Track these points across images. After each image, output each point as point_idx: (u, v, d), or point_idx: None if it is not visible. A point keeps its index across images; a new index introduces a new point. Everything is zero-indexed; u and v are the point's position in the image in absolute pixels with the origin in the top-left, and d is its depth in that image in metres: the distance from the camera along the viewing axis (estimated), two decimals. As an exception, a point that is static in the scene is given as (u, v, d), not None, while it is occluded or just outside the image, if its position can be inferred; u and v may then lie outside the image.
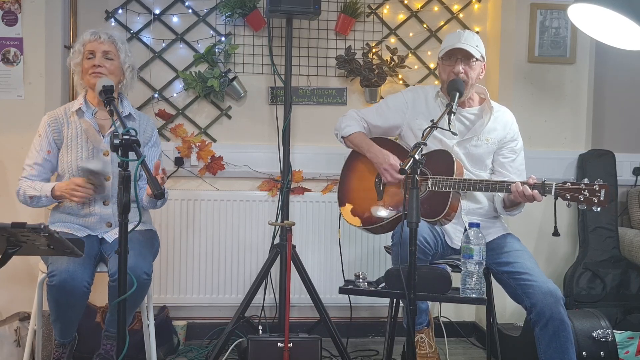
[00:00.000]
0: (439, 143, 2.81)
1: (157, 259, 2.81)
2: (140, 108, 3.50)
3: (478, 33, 3.64)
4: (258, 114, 3.61)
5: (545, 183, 2.52)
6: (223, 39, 3.54)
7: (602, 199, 2.42)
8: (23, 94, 3.27)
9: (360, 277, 2.41)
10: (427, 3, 3.67)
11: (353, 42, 3.62)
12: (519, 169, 2.84)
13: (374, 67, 3.55)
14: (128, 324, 2.68)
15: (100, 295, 3.10)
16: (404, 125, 2.91)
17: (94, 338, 2.96)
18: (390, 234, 2.80)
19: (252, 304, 3.15)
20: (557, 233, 2.50)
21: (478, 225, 2.31)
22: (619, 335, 3.05)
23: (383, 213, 2.82)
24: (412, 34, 3.68)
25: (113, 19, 3.48)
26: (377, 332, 3.71)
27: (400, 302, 2.77)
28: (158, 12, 3.51)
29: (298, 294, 3.41)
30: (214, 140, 3.59)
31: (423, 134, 2.33)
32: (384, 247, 3.21)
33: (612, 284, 3.46)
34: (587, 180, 2.47)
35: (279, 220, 3.30)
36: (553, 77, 3.59)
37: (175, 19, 3.52)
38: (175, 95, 3.56)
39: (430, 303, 3.21)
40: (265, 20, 3.50)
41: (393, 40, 3.67)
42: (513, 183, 2.57)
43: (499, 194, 2.74)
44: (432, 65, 3.67)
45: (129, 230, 1.99)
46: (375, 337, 3.70)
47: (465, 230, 2.66)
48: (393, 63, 3.60)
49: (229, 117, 3.60)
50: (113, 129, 2.70)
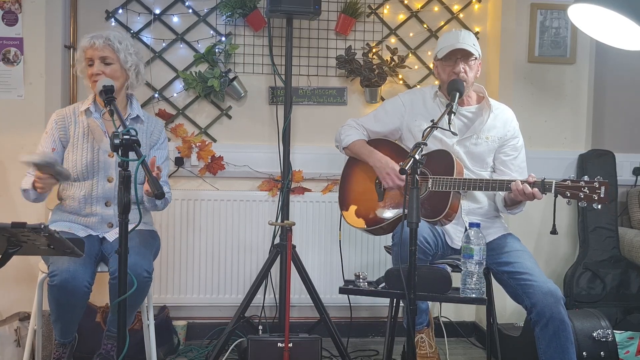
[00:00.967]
0: (439, 143, 2.81)
1: (157, 259, 2.81)
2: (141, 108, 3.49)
3: (478, 33, 3.66)
4: (258, 114, 3.61)
5: (545, 181, 2.52)
6: (223, 39, 3.54)
7: (602, 196, 2.42)
8: (23, 94, 3.27)
9: (361, 277, 2.41)
10: (427, 3, 3.67)
11: (353, 42, 3.62)
12: (521, 167, 2.84)
13: (374, 67, 3.56)
14: (129, 324, 2.68)
15: (100, 295, 3.10)
16: (404, 128, 2.91)
17: (94, 338, 2.96)
18: (391, 234, 2.81)
19: (252, 304, 3.15)
20: (554, 231, 2.50)
21: (478, 225, 2.31)
22: (619, 336, 3.06)
23: (384, 214, 2.82)
24: (412, 34, 3.68)
25: (113, 19, 3.48)
26: (377, 332, 3.71)
27: (400, 302, 2.77)
28: (158, 12, 3.51)
29: (298, 294, 3.41)
30: (214, 140, 3.59)
31: (423, 134, 2.33)
32: (384, 247, 3.21)
33: (612, 284, 3.46)
34: (587, 178, 2.47)
35: (279, 220, 3.30)
36: (553, 77, 3.59)
37: (176, 19, 3.52)
38: (176, 95, 3.57)
39: (430, 303, 3.21)
40: (266, 20, 3.50)
41: (393, 40, 3.67)
42: (513, 182, 2.57)
43: (500, 193, 2.74)
44: (432, 66, 3.66)
45: (129, 230, 1.99)
46: (376, 337, 3.70)
47: (466, 230, 2.66)
48: (393, 63, 3.60)
49: (229, 117, 3.60)
50: (114, 130, 2.70)
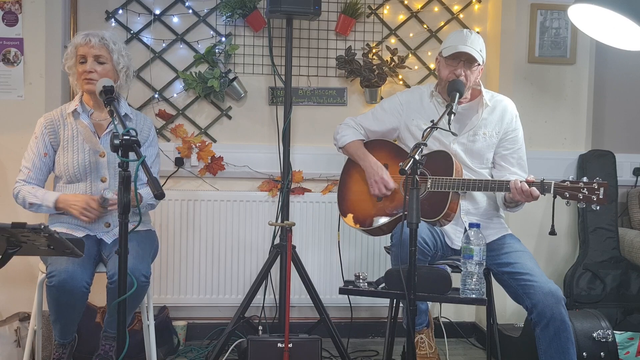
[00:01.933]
0: (437, 142, 2.80)
1: (157, 259, 2.81)
2: (141, 108, 3.50)
3: (478, 33, 3.64)
4: (258, 115, 3.61)
5: (544, 182, 2.51)
6: (223, 40, 3.54)
7: (601, 197, 2.42)
8: (23, 94, 3.27)
9: (360, 277, 2.41)
10: (427, 3, 3.67)
11: (353, 42, 3.62)
12: (522, 159, 2.82)
13: (374, 67, 3.55)
14: (127, 325, 2.68)
15: (100, 296, 3.08)
16: (401, 127, 2.90)
17: (94, 338, 2.96)
18: (390, 235, 2.81)
19: (252, 304, 3.15)
20: (553, 232, 2.49)
21: (478, 226, 2.31)
22: (619, 336, 3.05)
23: (382, 215, 2.82)
24: (412, 35, 3.68)
25: (113, 19, 3.48)
26: (377, 332, 3.71)
27: (400, 302, 2.77)
28: (158, 12, 3.51)
29: (298, 294, 3.41)
30: (214, 141, 3.59)
31: (423, 135, 2.33)
32: (384, 247, 3.21)
33: (612, 285, 3.46)
34: (585, 179, 2.46)
35: (279, 221, 3.30)
36: (553, 77, 3.59)
37: (176, 20, 3.52)
38: (176, 96, 3.57)
39: (430, 303, 3.22)
40: (266, 21, 3.50)
41: (393, 41, 3.67)
42: (512, 181, 2.57)
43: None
44: (432, 66, 3.67)
45: (129, 231, 1.99)
46: (375, 337, 3.70)
47: (465, 231, 2.66)
48: (393, 63, 3.60)
49: (229, 117, 3.60)
50: (110, 130, 2.70)
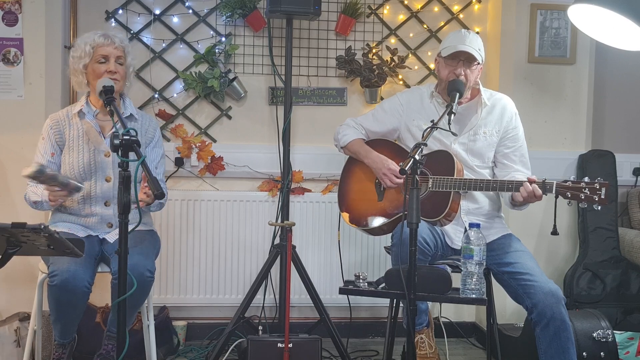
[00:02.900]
0: (438, 143, 2.80)
1: (157, 259, 2.80)
2: (141, 108, 3.50)
3: (478, 33, 3.64)
4: (258, 114, 3.61)
5: (546, 182, 2.51)
6: (223, 39, 3.54)
7: (602, 197, 2.43)
8: (23, 94, 3.27)
9: (360, 277, 2.41)
10: (427, 3, 3.67)
11: (353, 42, 3.62)
12: (524, 156, 2.82)
13: (374, 67, 3.56)
14: (130, 324, 2.68)
15: (100, 296, 3.10)
16: (402, 127, 2.90)
17: (94, 338, 2.96)
18: (390, 234, 2.81)
19: (252, 304, 3.15)
20: (555, 232, 2.50)
21: (478, 226, 2.31)
22: (619, 336, 3.05)
23: (383, 214, 2.82)
24: (412, 35, 3.68)
25: (113, 19, 3.48)
26: (377, 332, 3.71)
27: (400, 302, 2.77)
28: (158, 12, 3.51)
29: (298, 294, 3.41)
30: (214, 141, 3.59)
31: (423, 135, 2.33)
32: (384, 247, 3.21)
33: (612, 285, 3.46)
34: (587, 179, 2.47)
35: (279, 221, 3.30)
36: (553, 77, 3.59)
37: (176, 20, 3.52)
38: (176, 96, 3.57)
39: (430, 303, 3.22)
40: (266, 21, 3.50)
41: (393, 41, 3.67)
42: (515, 181, 2.57)
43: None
44: (432, 66, 3.66)
45: (129, 231, 1.99)
46: (375, 337, 3.70)
47: (466, 231, 2.66)
48: (393, 63, 3.60)
49: (229, 117, 3.60)
50: (114, 130, 2.70)
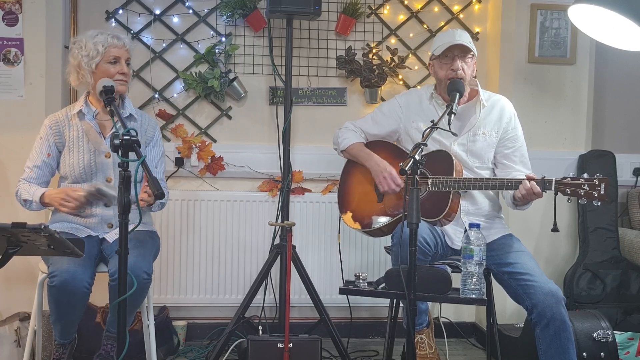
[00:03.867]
0: (437, 143, 2.80)
1: (157, 259, 2.81)
2: (141, 108, 3.50)
3: (478, 33, 3.67)
4: (258, 114, 3.61)
5: (545, 179, 2.51)
6: (223, 40, 3.54)
7: (602, 193, 2.42)
8: (23, 94, 3.27)
9: (360, 277, 2.41)
10: (427, 4, 3.67)
11: (353, 42, 3.62)
12: (524, 157, 2.82)
13: (374, 67, 3.56)
14: (129, 324, 2.68)
15: (100, 296, 3.09)
16: (401, 130, 2.90)
17: (94, 338, 2.96)
18: (390, 235, 2.81)
19: (252, 304, 3.15)
20: (556, 229, 2.49)
21: (478, 226, 2.31)
22: (619, 336, 3.05)
23: (383, 215, 2.82)
24: (412, 35, 3.68)
25: (113, 19, 3.48)
26: (377, 332, 3.71)
27: (400, 302, 2.77)
28: (158, 12, 3.51)
29: (298, 295, 3.41)
30: (214, 141, 3.59)
31: (423, 135, 2.33)
32: (384, 247, 3.21)
33: (612, 285, 3.46)
34: (586, 175, 2.47)
35: (279, 221, 3.30)
36: (553, 77, 3.59)
37: (176, 20, 3.52)
38: (176, 96, 3.57)
39: (430, 303, 3.22)
40: (266, 21, 3.50)
41: (393, 41, 3.67)
42: (514, 179, 2.57)
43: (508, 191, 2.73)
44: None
45: (129, 231, 1.99)
46: (375, 337, 3.70)
47: (466, 231, 2.66)
48: (393, 63, 3.60)
49: (229, 117, 3.60)
50: (114, 130, 2.70)
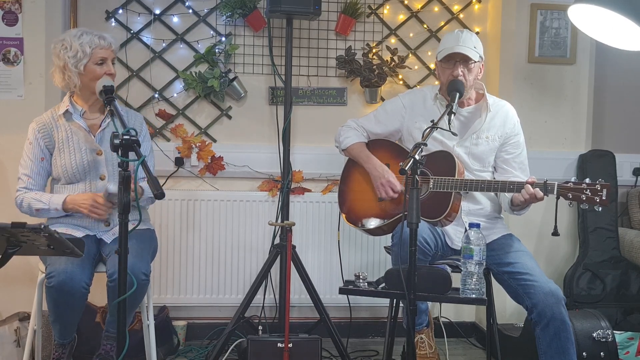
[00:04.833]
0: (440, 144, 2.80)
1: (156, 259, 2.81)
2: (141, 108, 3.50)
3: (478, 34, 3.65)
4: (258, 114, 3.61)
5: (547, 183, 2.52)
6: (223, 39, 3.54)
7: (604, 199, 2.43)
8: (23, 94, 3.27)
9: (360, 277, 2.41)
10: (427, 3, 3.67)
11: (353, 42, 3.62)
12: (523, 163, 2.83)
13: (374, 67, 3.55)
14: (128, 324, 2.67)
15: (100, 296, 3.09)
16: (404, 130, 2.90)
17: (94, 338, 2.96)
18: (390, 235, 2.81)
19: (252, 304, 3.15)
20: (556, 233, 2.49)
21: (478, 226, 2.31)
22: (619, 336, 3.06)
23: (383, 215, 2.82)
24: (412, 35, 3.68)
25: (113, 19, 3.48)
26: (377, 332, 3.71)
27: (400, 302, 2.77)
28: (158, 12, 3.51)
29: (298, 294, 3.41)
30: (214, 141, 3.59)
31: (423, 134, 2.33)
32: (384, 247, 3.21)
33: (612, 285, 3.46)
34: (588, 180, 2.47)
35: (279, 221, 3.30)
36: (553, 77, 3.59)
37: (176, 19, 3.52)
38: (176, 96, 3.57)
39: (430, 303, 3.22)
40: (266, 21, 3.50)
41: (393, 41, 3.67)
42: (515, 183, 2.57)
43: (506, 194, 2.73)
44: (432, 66, 3.67)
45: (129, 231, 1.99)
46: (375, 337, 3.70)
47: (466, 231, 2.66)
48: (393, 63, 3.60)
49: (229, 117, 3.60)
50: (104, 128, 2.69)
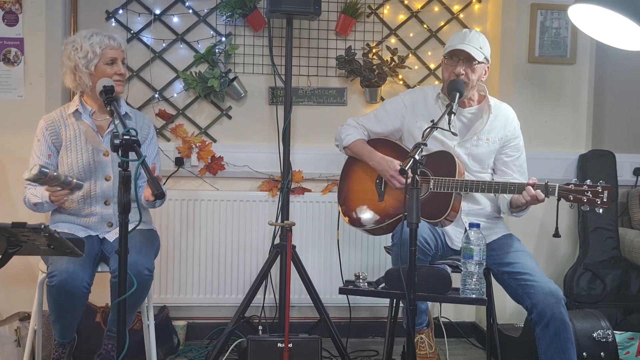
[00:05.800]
0: (440, 144, 2.80)
1: (157, 259, 2.80)
2: (141, 108, 3.50)
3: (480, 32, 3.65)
4: (258, 114, 3.61)
5: (549, 184, 2.52)
6: (223, 39, 3.54)
7: (605, 200, 2.43)
8: (23, 94, 3.27)
9: (360, 277, 2.41)
10: (427, 3, 3.67)
11: (353, 42, 3.62)
12: (522, 167, 2.83)
13: (374, 67, 3.55)
14: (130, 323, 2.68)
15: (100, 295, 3.10)
16: (404, 129, 2.90)
17: (94, 338, 2.96)
18: (390, 234, 2.80)
19: (252, 304, 3.15)
20: (557, 235, 2.49)
21: (478, 226, 2.31)
22: (619, 336, 3.05)
23: (384, 214, 2.82)
24: (412, 35, 3.68)
25: (113, 19, 3.48)
26: (377, 332, 3.71)
27: (400, 302, 2.77)
28: (158, 12, 3.51)
29: (298, 294, 3.41)
30: (214, 141, 3.59)
31: (423, 134, 2.33)
32: (384, 247, 3.21)
33: (612, 285, 3.46)
34: (589, 182, 2.47)
35: (279, 221, 3.30)
36: (553, 77, 3.59)
37: (176, 19, 3.52)
38: (176, 96, 3.57)
39: (430, 303, 3.22)
40: (266, 21, 3.50)
41: (393, 41, 3.67)
42: (515, 184, 2.57)
43: (504, 195, 2.73)
44: (432, 66, 3.67)
45: (129, 230, 1.99)
46: (375, 337, 3.70)
47: (466, 231, 2.66)
48: (393, 63, 3.60)
49: (229, 117, 3.60)
50: (112, 129, 2.70)
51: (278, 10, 3.07)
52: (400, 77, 3.65)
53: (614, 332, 2.96)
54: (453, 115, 2.52)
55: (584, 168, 3.55)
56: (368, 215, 2.85)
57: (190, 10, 3.53)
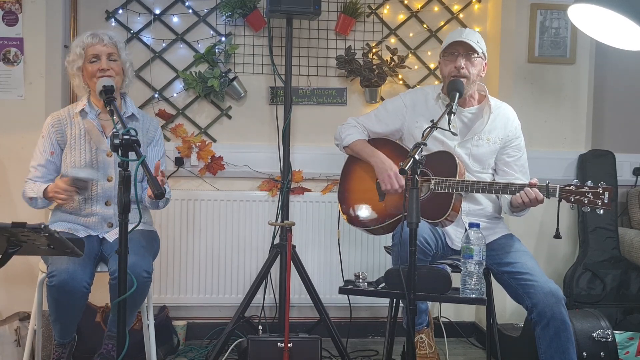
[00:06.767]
0: (441, 144, 2.80)
1: (157, 259, 2.81)
2: (141, 108, 3.50)
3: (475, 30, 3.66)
4: (258, 114, 3.61)
5: (549, 185, 2.52)
6: (223, 39, 3.54)
7: (606, 202, 2.44)
8: (23, 94, 3.27)
9: (360, 277, 2.41)
10: (427, 3, 3.67)
11: (353, 42, 3.62)
12: (524, 167, 2.84)
13: (374, 67, 3.55)
14: (130, 324, 2.68)
15: (100, 295, 3.10)
16: (405, 129, 2.90)
17: (94, 338, 2.96)
18: (391, 234, 2.80)
19: (252, 304, 3.15)
20: (558, 236, 2.49)
21: (478, 226, 2.31)
22: (619, 336, 3.06)
23: (384, 214, 2.82)
24: (412, 34, 3.68)
25: (113, 19, 3.48)
26: (377, 332, 3.71)
27: (400, 302, 2.77)
28: (158, 12, 3.51)
29: (298, 294, 3.41)
30: (214, 140, 3.59)
31: (423, 134, 2.33)
32: (384, 247, 3.21)
33: (612, 285, 3.46)
34: (590, 183, 2.47)
35: (279, 220, 3.30)
36: (553, 77, 3.59)
37: (176, 19, 3.52)
38: (176, 95, 3.57)
39: (430, 303, 3.22)
40: (266, 20, 3.50)
41: (393, 41, 3.67)
42: (518, 184, 2.57)
43: (505, 195, 2.73)
44: (432, 66, 3.67)
45: (129, 230, 1.99)
46: (375, 337, 3.70)
47: (466, 231, 2.66)
48: (393, 63, 3.60)
49: (229, 117, 3.60)
50: (114, 130, 2.70)
51: (278, 10, 3.07)
52: (400, 77, 3.65)
53: (614, 332, 2.97)
54: (453, 115, 2.52)
55: (584, 168, 3.55)
56: (368, 215, 2.85)
57: (190, 10, 3.53)
